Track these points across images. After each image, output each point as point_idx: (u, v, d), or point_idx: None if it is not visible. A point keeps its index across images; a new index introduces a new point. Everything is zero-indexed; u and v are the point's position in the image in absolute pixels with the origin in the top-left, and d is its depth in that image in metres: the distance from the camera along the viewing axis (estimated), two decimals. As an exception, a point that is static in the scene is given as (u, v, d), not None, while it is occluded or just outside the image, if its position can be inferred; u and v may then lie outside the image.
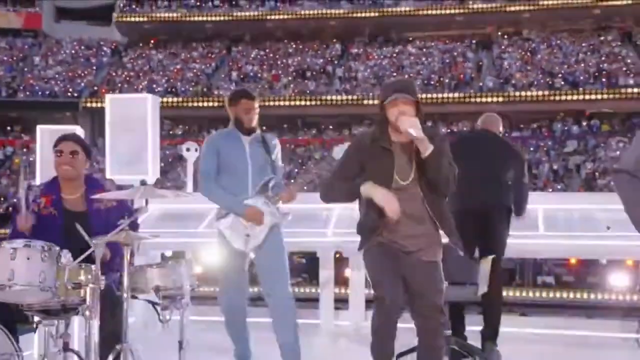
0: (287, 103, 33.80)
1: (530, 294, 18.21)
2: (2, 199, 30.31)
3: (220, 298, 4.82)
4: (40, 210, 4.06)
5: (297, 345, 4.65)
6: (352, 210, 6.18)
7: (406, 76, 34.51)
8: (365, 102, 33.56)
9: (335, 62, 37.49)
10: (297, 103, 33.84)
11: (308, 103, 34.13)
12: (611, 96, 32.31)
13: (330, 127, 35.58)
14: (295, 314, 4.69)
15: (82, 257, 3.62)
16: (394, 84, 3.74)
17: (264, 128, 5.14)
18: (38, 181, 5.05)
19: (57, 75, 37.29)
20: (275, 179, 4.66)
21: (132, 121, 6.16)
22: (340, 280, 6.86)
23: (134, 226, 4.07)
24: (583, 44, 36.11)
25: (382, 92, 3.71)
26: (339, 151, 4.99)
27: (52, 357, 3.71)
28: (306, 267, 17.85)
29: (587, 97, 32.44)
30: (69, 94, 35.87)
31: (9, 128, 37.01)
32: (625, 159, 3.13)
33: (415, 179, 3.61)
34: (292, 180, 4.71)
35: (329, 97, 34.33)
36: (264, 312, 5.08)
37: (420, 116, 3.59)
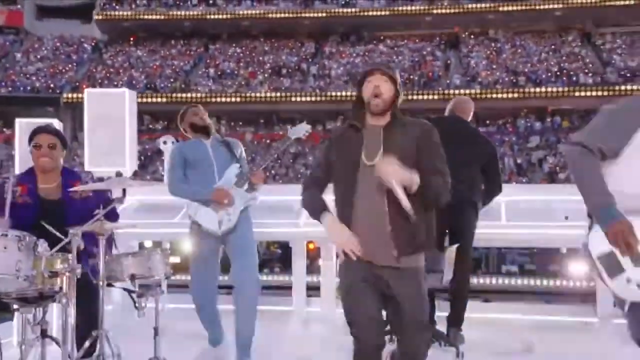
0: (263, 99, 33.77)
1: (494, 281, 18.32)
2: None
3: (192, 284, 4.84)
4: (15, 198, 4.01)
5: (252, 330, 4.69)
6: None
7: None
8: (338, 98, 33.61)
9: (310, 60, 37.48)
10: (273, 99, 33.79)
11: (283, 99, 34.10)
12: (571, 94, 32.66)
13: (304, 122, 35.47)
14: (257, 300, 4.73)
15: (58, 247, 3.58)
16: (369, 65, 3.52)
17: (241, 123, 5.19)
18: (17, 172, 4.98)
19: (38, 71, 36.93)
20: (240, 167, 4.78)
21: (110, 115, 6.13)
22: (314, 269, 6.86)
23: (112, 216, 4.04)
24: (545, 44, 36.46)
25: (361, 72, 3.43)
26: (293, 131, 4.97)
27: (30, 344, 3.69)
28: (281, 256, 17.87)
29: (549, 94, 32.78)
30: (51, 89, 35.54)
31: (-9, 122, 36.63)
32: (578, 134, 3.03)
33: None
34: (254, 168, 4.74)
35: (303, 94, 34.33)
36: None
37: (398, 94, 3.34)
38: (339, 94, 33.79)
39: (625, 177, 2.89)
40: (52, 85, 35.77)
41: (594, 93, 32.25)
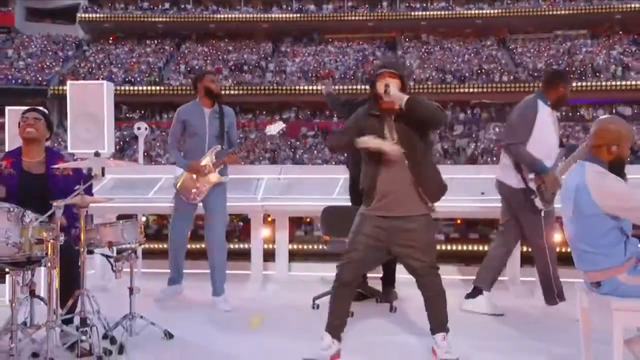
0: (227, 92, 33.42)
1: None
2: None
3: (170, 231, 5.13)
4: (1, 170, 3.95)
5: (223, 270, 4.99)
6: (277, 179, 6.23)
7: (327, 71, 34.66)
8: (292, 92, 33.52)
9: (268, 58, 37.19)
10: (236, 92, 33.49)
11: (245, 92, 33.84)
12: (489, 90, 33.16)
13: (264, 112, 35.36)
14: (222, 250, 4.98)
15: (44, 217, 3.52)
16: (382, 61, 3.70)
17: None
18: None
19: (28, 66, 35.85)
20: (223, 147, 4.93)
21: (91, 104, 6.03)
22: (270, 238, 6.86)
23: (88, 191, 3.98)
24: (468, 47, 36.83)
25: (373, 69, 3.66)
26: (270, 129, 4.99)
27: (20, 302, 3.65)
28: (242, 227, 17.89)
29: (470, 90, 33.20)
30: (39, 82, 34.58)
31: (-15, 111, 35.53)
32: (506, 136, 4.67)
33: (398, 140, 3.48)
34: (235, 149, 4.80)
35: (262, 87, 34.11)
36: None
37: (405, 88, 3.53)
38: (293, 88, 33.67)
39: (533, 150, 4.48)
40: (40, 79, 34.80)
41: (508, 89, 32.81)
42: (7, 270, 3.63)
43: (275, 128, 4.95)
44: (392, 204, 3.50)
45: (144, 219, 5.54)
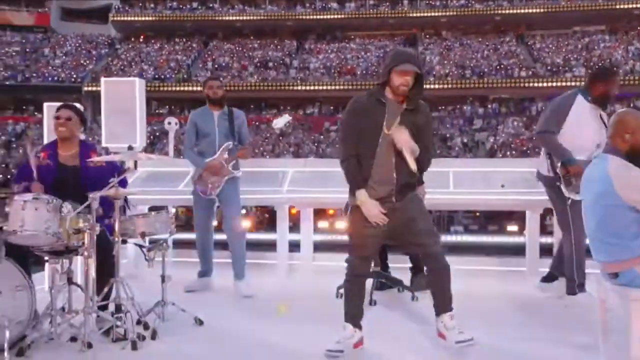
0: (252, 88, 33.52)
1: (444, 239, 18.54)
2: (19, 165, 29.61)
3: (195, 227, 5.21)
4: (40, 162, 4.00)
5: (243, 258, 5.09)
6: (302, 172, 6.23)
7: (348, 67, 34.58)
8: (315, 87, 33.51)
9: (292, 55, 37.21)
10: (261, 88, 33.57)
11: (269, 88, 33.90)
12: (508, 85, 32.82)
13: (288, 107, 35.40)
14: (240, 237, 5.10)
15: (81, 208, 3.57)
16: (405, 54, 3.47)
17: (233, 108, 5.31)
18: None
19: (63, 65, 36.31)
20: (235, 143, 5.02)
21: (123, 100, 6.07)
22: (295, 229, 6.85)
23: (122, 184, 4.02)
24: (487, 44, 36.49)
25: (392, 57, 3.45)
26: (276, 122, 5.01)
27: (58, 289, 3.71)
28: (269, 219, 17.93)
29: (489, 85, 32.90)
30: (73, 80, 35.00)
31: (24, 107, 36.06)
32: (540, 125, 4.70)
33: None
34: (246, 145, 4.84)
35: (286, 84, 34.13)
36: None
37: (421, 86, 3.46)
38: (316, 83, 33.67)
39: (565, 141, 4.50)
40: (74, 77, 35.23)
41: (526, 84, 32.49)
42: (46, 258, 3.71)
43: (281, 121, 4.99)
44: (386, 187, 3.45)
45: (173, 210, 5.57)
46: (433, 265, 3.55)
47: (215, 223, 5.37)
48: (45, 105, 5.58)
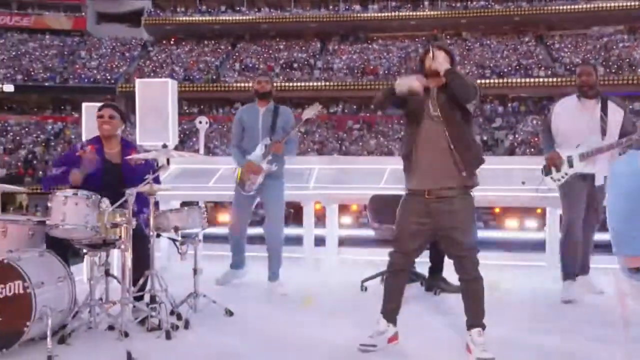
0: (278, 88, 33.47)
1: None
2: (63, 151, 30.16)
3: (231, 219, 5.14)
4: (87, 155, 4.06)
5: (279, 259, 4.99)
6: (328, 169, 6.24)
7: (370, 68, 34.46)
8: (338, 87, 33.46)
9: (316, 56, 37.19)
10: (286, 88, 33.62)
11: (294, 88, 33.92)
12: (527, 84, 32.44)
13: (317, 103, 35.34)
14: (280, 239, 4.98)
15: (117, 204, 3.61)
16: (433, 43, 3.57)
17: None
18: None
19: (98, 66, 36.75)
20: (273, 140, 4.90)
21: (157, 100, 6.11)
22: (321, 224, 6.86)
23: (156, 180, 4.06)
24: (506, 44, 36.09)
25: (424, 50, 3.56)
26: (306, 112, 4.98)
27: (96, 280, 3.76)
28: (294, 214, 17.92)
29: (509, 84, 32.55)
30: (108, 80, 35.42)
31: (62, 107, 36.63)
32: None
33: (440, 111, 3.37)
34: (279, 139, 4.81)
35: (310, 84, 34.13)
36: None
37: (454, 65, 3.47)
38: (340, 83, 33.61)
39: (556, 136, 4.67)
40: (109, 77, 35.64)
41: (545, 84, 32.06)
42: (85, 251, 3.77)
43: (311, 110, 4.95)
44: (429, 174, 3.35)
45: (203, 204, 5.61)
46: (464, 277, 3.41)
47: (248, 220, 5.22)
48: (84, 105, 5.66)
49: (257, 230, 5.24)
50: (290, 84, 33.87)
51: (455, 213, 3.34)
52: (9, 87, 34.45)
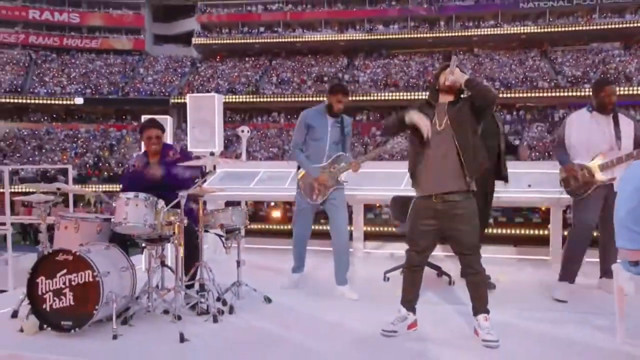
0: (310, 99, 33.62)
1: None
2: (120, 164, 30.64)
3: (294, 227, 4.63)
4: (136, 168, 4.20)
5: (346, 264, 4.47)
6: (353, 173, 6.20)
7: (392, 80, 34.24)
8: (364, 98, 33.33)
9: (344, 70, 37.11)
10: (317, 99, 33.63)
11: (325, 99, 33.81)
12: (533, 95, 31.89)
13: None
14: (347, 246, 4.48)
15: (172, 205, 3.66)
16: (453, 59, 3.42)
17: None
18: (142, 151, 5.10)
19: (154, 81, 37.27)
20: (344, 153, 4.46)
21: (205, 112, 6.16)
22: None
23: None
24: (514, 59, 35.49)
25: (440, 67, 3.46)
26: (391, 146, 4.35)
27: (153, 270, 3.81)
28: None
29: (516, 95, 32.04)
30: (162, 93, 35.91)
31: (123, 117, 37.26)
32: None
33: (447, 126, 3.30)
34: (358, 157, 4.40)
35: (339, 95, 33.99)
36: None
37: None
38: (365, 94, 33.49)
39: (569, 148, 4.35)
40: (163, 91, 36.13)
41: (549, 94, 31.49)
42: (143, 245, 3.83)
43: (396, 146, 4.29)
44: (436, 181, 3.29)
45: (245, 205, 5.64)
46: (468, 271, 3.39)
47: (311, 227, 4.67)
48: (143, 117, 5.74)
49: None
50: (321, 96, 33.84)
51: (460, 216, 3.30)
52: (79, 100, 35.26)
